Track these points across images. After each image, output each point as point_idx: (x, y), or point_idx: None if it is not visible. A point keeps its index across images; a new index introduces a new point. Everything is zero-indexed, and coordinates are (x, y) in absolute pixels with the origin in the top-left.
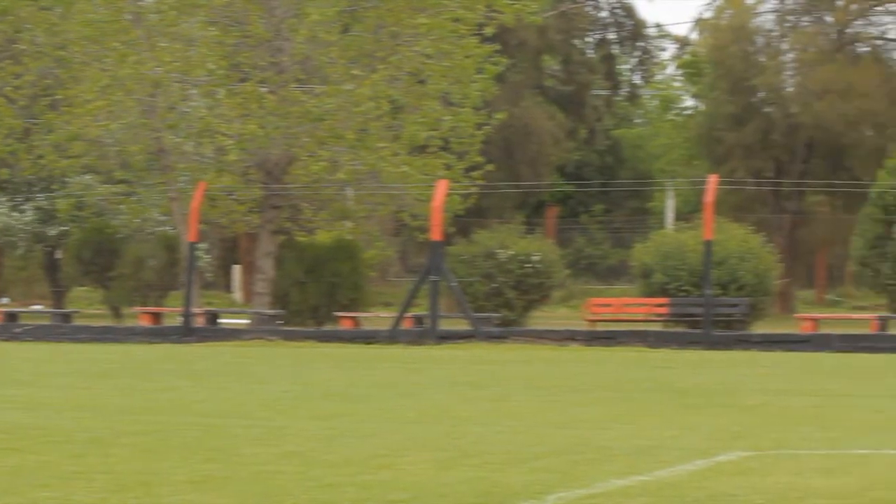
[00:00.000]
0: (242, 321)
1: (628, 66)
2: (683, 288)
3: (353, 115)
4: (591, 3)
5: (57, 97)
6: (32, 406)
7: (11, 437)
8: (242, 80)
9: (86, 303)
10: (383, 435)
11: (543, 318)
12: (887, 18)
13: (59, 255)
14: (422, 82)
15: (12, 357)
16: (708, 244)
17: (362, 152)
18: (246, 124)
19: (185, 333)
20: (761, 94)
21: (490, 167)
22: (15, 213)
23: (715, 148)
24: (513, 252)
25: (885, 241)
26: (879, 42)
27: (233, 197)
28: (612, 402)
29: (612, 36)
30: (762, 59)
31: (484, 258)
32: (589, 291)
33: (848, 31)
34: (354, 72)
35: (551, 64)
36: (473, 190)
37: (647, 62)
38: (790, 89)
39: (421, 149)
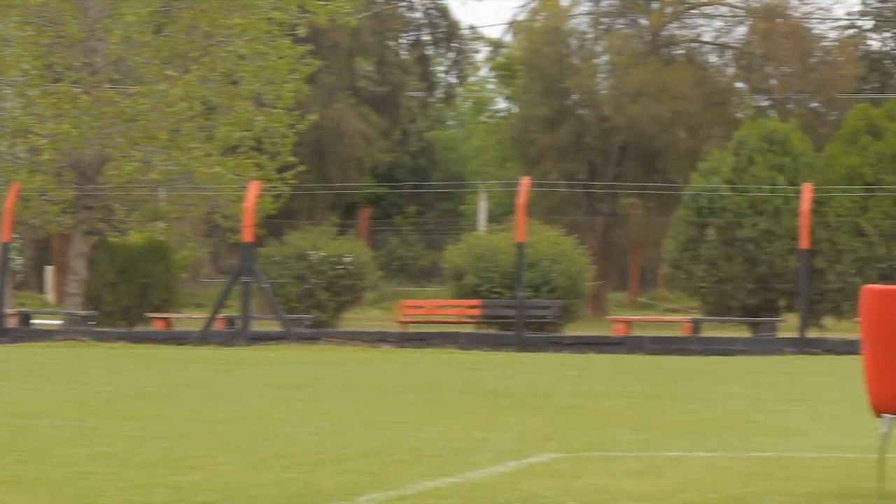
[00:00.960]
0: (55, 322)
1: (443, 68)
2: (495, 290)
3: (166, 115)
4: (405, 4)
5: None
6: None
7: None
8: (56, 81)
9: None
10: (194, 436)
11: (355, 319)
12: (701, 21)
13: None
14: (235, 83)
15: None
16: (520, 246)
17: (175, 153)
18: (60, 124)
19: None
20: (575, 97)
21: (302, 168)
22: None
23: (528, 150)
24: (324, 253)
25: (697, 243)
26: (694, 45)
27: (46, 197)
28: (424, 403)
29: (426, 37)
30: (576, 61)
31: (296, 259)
32: (401, 293)
33: (662, 33)
34: (168, 72)
35: (365, 65)
36: (285, 191)
37: (461, 64)
38: (604, 92)
39: (233, 149)
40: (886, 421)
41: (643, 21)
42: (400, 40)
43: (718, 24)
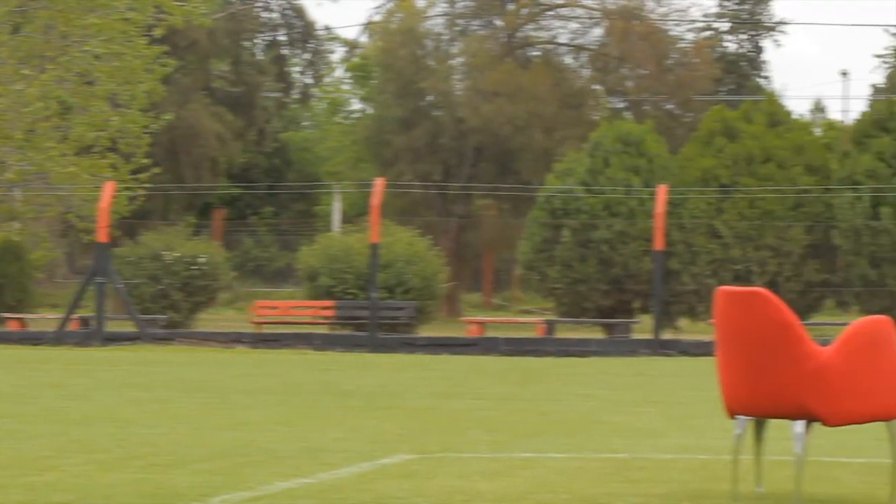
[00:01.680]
0: None
1: (299, 69)
2: (349, 291)
3: (22, 115)
4: (261, 4)
5: None
6: None
7: None
8: None
9: None
10: (48, 436)
11: (210, 320)
12: (557, 23)
13: None
14: (90, 83)
15: None
16: (374, 247)
17: (30, 152)
18: None
19: None
20: (430, 98)
21: (157, 169)
22: None
23: (383, 151)
24: (179, 254)
25: (552, 244)
26: (550, 46)
27: None
28: (278, 404)
29: (282, 38)
30: (432, 62)
31: (150, 260)
32: (256, 294)
33: (518, 35)
34: (24, 72)
35: (221, 66)
36: (140, 191)
37: (317, 64)
38: (459, 93)
39: (88, 149)
40: (740, 422)
41: (499, 22)
42: (256, 41)
43: (574, 25)
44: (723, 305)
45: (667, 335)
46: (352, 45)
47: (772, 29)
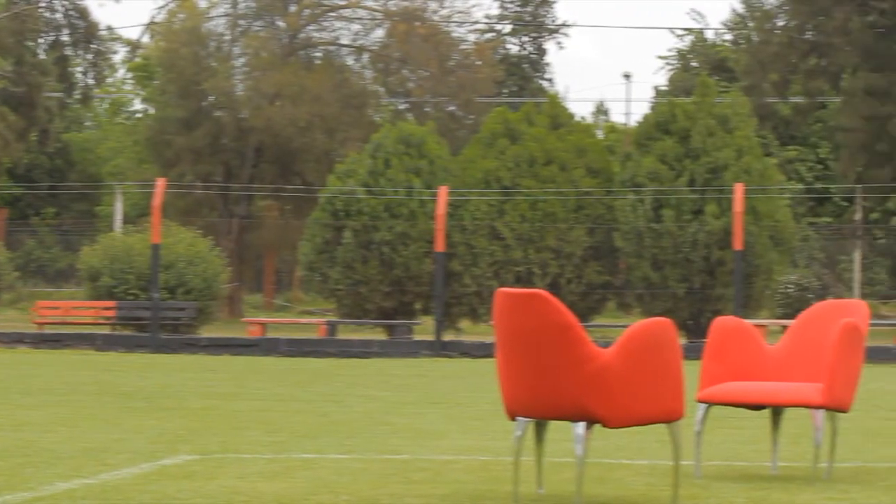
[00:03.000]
0: None
1: (81, 69)
2: (131, 291)
3: None
4: (45, 4)
5: None
6: None
7: None
8: None
9: None
10: None
11: None
12: (339, 24)
13: None
14: None
15: None
16: (155, 248)
17: None
18: None
19: None
20: (212, 98)
21: None
22: None
23: (164, 152)
24: None
25: (333, 246)
26: (332, 47)
27: None
28: (59, 405)
29: (65, 38)
30: (213, 63)
31: None
32: (38, 294)
33: (300, 36)
34: None
35: (3, 65)
36: None
37: (99, 65)
38: (241, 94)
39: None
40: (521, 424)
41: (281, 23)
42: (39, 41)
43: (356, 27)
44: (502, 307)
45: (448, 337)
46: (134, 46)
47: (554, 31)
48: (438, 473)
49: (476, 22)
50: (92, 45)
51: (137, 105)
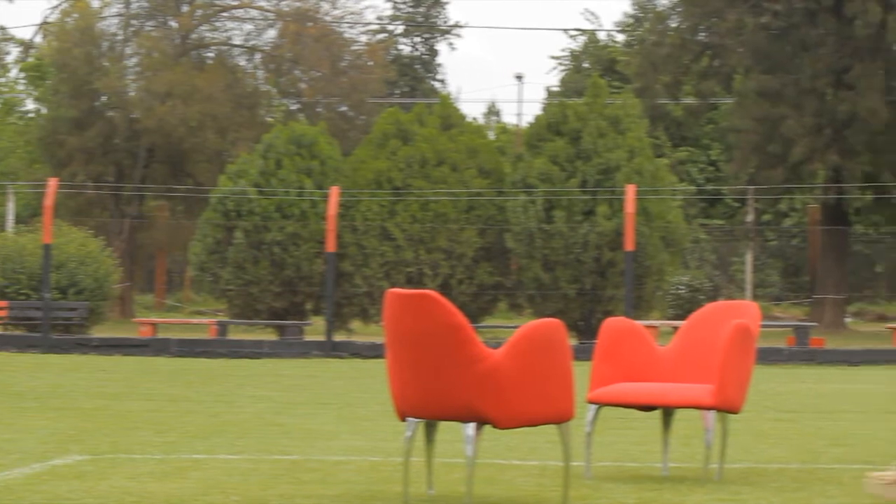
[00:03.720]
0: None
1: None
2: (23, 291)
3: None
4: None
5: None
6: None
7: None
8: None
9: None
10: None
11: None
12: (231, 24)
13: None
14: None
15: None
16: (47, 248)
17: None
18: None
19: None
20: (104, 98)
21: None
22: None
23: (56, 152)
24: None
25: (224, 246)
26: (224, 47)
27: None
28: None
29: None
30: (106, 62)
31: None
32: None
33: (192, 36)
34: None
35: None
36: None
37: None
38: (133, 94)
39: None
40: (411, 425)
41: (173, 23)
42: None
43: (248, 27)
44: (392, 308)
45: (339, 337)
46: (27, 46)
47: (446, 32)
48: (329, 474)
49: (368, 23)
50: None
51: (30, 105)
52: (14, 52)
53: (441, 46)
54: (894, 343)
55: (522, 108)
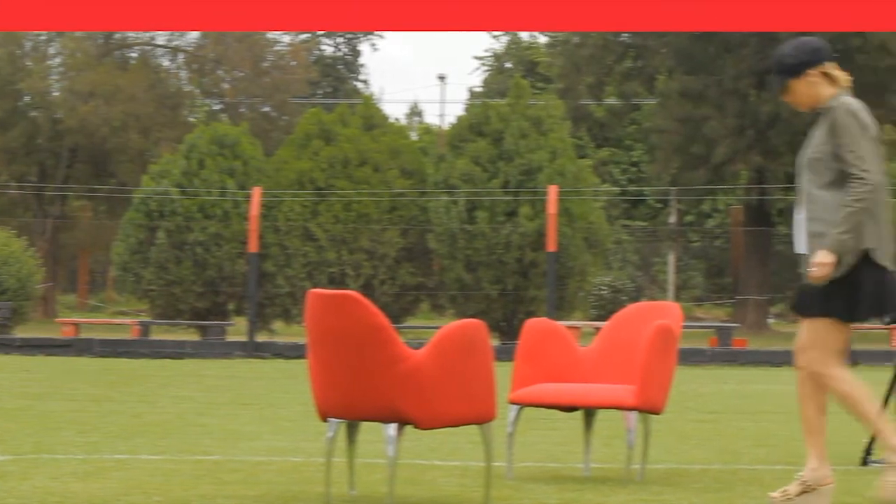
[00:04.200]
0: None
1: None
2: None
3: None
4: None
5: None
6: None
7: None
8: None
9: None
10: None
11: None
12: None
13: None
14: None
15: None
16: None
17: None
18: None
19: None
20: (28, 98)
21: None
22: None
23: None
24: None
25: (147, 246)
26: (147, 48)
27: None
28: None
29: None
30: (29, 63)
31: None
32: None
33: (116, 36)
34: None
35: None
36: None
37: None
38: (57, 94)
39: None
40: (332, 425)
41: None
42: None
43: None
44: (314, 308)
45: (261, 337)
46: None
47: (369, 33)
48: (250, 474)
49: None
50: None
51: None
52: None
53: (364, 47)
54: None
55: (445, 108)
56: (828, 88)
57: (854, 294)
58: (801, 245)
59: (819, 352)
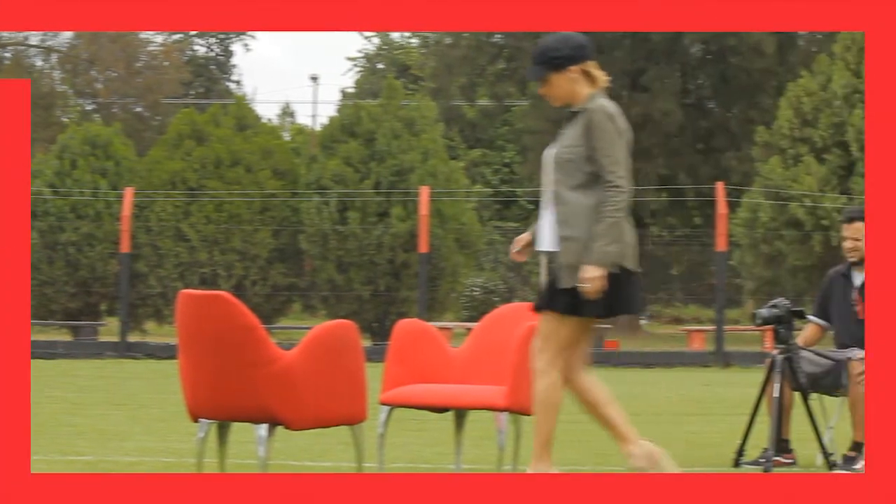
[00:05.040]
0: None
1: None
2: None
3: None
4: None
5: None
6: None
7: None
8: None
9: None
10: None
11: None
12: None
13: None
14: None
15: None
16: None
17: None
18: None
19: None
20: None
21: None
22: None
23: None
24: None
25: None
26: (21, 48)
27: None
28: None
29: None
30: None
31: None
32: None
33: None
34: None
35: None
36: None
37: None
38: None
39: None
40: (203, 426)
41: None
42: None
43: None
44: (185, 309)
45: (133, 338)
46: None
47: (241, 33)
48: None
49: None
50: None
51: None
52: None
53: (236, 47)
54: (689, 345)
55: (317, 109)
56: (586, 87)
57: (600, 294)
58: (544, 243)
59: (551, 348)
